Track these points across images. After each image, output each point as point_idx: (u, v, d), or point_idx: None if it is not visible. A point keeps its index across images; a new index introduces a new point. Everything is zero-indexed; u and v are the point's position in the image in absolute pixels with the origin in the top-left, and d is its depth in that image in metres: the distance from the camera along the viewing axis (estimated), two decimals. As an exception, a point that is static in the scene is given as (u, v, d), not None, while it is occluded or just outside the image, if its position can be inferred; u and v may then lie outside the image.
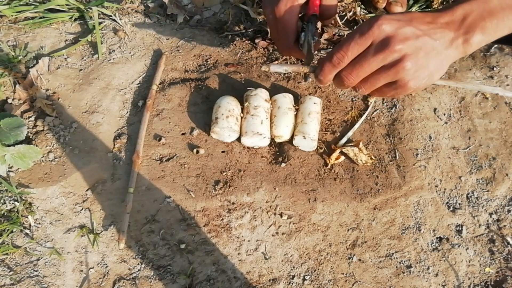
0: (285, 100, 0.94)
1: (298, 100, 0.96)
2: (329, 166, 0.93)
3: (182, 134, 0.96)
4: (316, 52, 0.94)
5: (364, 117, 0.98)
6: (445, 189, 0.93)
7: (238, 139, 0.94)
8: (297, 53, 0.85)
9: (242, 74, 1.03)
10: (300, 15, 0.82)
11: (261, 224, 0.88)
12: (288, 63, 1.03)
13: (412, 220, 0.90)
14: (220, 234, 0.86)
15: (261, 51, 1.07)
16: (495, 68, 1.07)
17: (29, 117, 0.97)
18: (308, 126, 0.90)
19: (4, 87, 1.00)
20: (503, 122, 1.01)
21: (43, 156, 0.92)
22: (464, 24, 0.64)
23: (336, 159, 0.93)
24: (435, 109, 1.01)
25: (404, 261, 0.87)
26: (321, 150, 0.95)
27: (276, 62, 1.00)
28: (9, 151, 0.87)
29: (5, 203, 0.88)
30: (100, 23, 1.09)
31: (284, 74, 1.03)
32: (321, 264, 0.86)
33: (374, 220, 0.89)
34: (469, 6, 0.64)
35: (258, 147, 0.94)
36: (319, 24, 0.85)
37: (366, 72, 0.65)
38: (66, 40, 1.09)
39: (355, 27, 1.02)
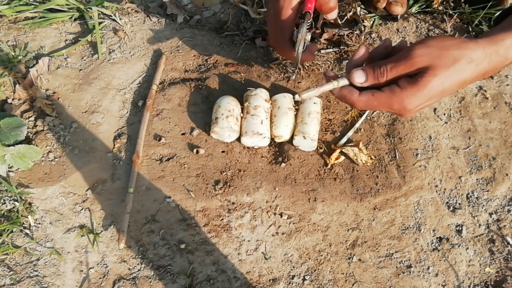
0: (285, 100, 0.94)
1: (298, 100, 0.96)
2: (329, 166, 0.93)
3: (182, 134, 0.96)
4: (316, 52, 0.94)
5: (364, 117, 0.98)
6: (445, 189, 0.93)
7: (238, 139, 0.94)
8: (289, 50, 0.86)
9: (242, 74, 1.03)
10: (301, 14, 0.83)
11: (261, 224, 0.88)
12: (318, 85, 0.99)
13: (412, 220, 0.90)
14: (220, 234, 0.86)
15: (261, 51, 1.07)
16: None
17: (29, 117, 0.97)
18: (308, 126, 0.90)
19: (4, 87, 1.00)
20: (503, 122, 1.01)
21: (43, 156, 0.92)
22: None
23: (336, 159, 0.93)
24: (435, 109, 1.01)
25: (404, 261, 0.87)
26: (321, 150, 0.95)
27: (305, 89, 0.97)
28: (9, 151, 0.87)
29: (5, 203, 0.88)
30: (100, 23, 1.09)
31: (289, 73, 1.02)
32: (321, 264, 0.86)
33: (374, 220, 0.89)
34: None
35: (258, 147, 0.94)
36: (319, 24, 0.85)
37: (375, 107, 0.68)
38: (66, 40, 1.09)
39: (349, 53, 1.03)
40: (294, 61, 0.83)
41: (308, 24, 0.81)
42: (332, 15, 0.87)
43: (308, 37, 0.81)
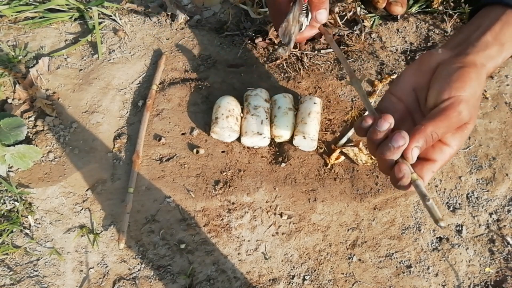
0: (285, 100, 0.94)
1: (298, 100, 0.96)
2: (329, 166, 0.93)
3: (182, 134, 0.96)
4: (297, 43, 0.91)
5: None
6: (445, 189, 0.93)
7: (238, 139, 0.94)
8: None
9: (242, 74, 1.03)
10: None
11: (261, 224, 0.88)
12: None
13: (412, 220, 0.90)
14: (220, 234, 0.86)
15: (261, 51, 1.07)
16: (495, 68, 1.06)
17: (29, 117, 0.97)
18: (308, 126, 0.90)
19: (4, 87, 1.00)
20: (503, 122, 1.01)
21: (43, 156, 0.92)
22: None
23: (336, 159, 0.93)
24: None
25: (404, 261, 0.87)
26: (321, 150, 0.95)
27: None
28: (9, 151, 0.87)
29: (5, 203, 0.88)
30: (100, 23, 1.09)
31: (289, 73, 1.02)
32: (321, 264, 0.86)
33: (374, 220, 0.89)
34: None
35: (258, 147, 0.94)
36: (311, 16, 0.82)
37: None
38: (66, 40, 1.09)
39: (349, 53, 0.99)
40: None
41: (304, 7, 0.78)
42: (321, 15, 0.83)
43: (303, 19, 0.78)
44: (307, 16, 0.78)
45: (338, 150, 0.93)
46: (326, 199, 0.90)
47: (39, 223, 0.87)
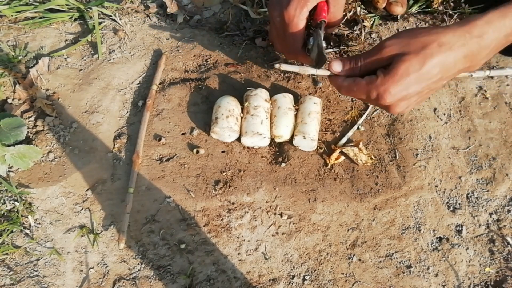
0: (285, 100, 0.94)
1: (298, 100, 0.96)
2: (329, 166, 0.93)
3: (182, 134, 0.96)
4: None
5: (364, 117, 0.98)
6: (445, 189, 0.93)
7: (238, 139, 0.94)
8: (304, 57, 0.86)
9: (242, 74, 1.03)
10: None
11: (261, 224, 0.88)
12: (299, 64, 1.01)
13: (412, 220, 0.90)
14: (220, 234, 0.86)
15: (261, 51, 1.07)
16: (495, 68, 1.07)
17: (29, 117, 0.97)
18: (308, 126, 0.90)
19: (4, 87, 1.00)
20: (503, 122, 1.01)
21: (43, 156, 0.92)
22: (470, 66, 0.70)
23: (336, 159, 0.93)
24: (435, 109, 1.01)
25: (404, 261, 0.87)
26: (321, 150, 0.95)
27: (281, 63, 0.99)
28: (9, 151, 0.87)
29: (5, 203, 0.88)
30: (100, 23, 1.09)
31: (289, 73, 1.02)
32: (321, 264, 0.86)
33: (374, 220, 0.89)
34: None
35: (258, 147, 0.94)
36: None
37: (355, 94, 0.73)
38: (66, 40, 1.09)
39: (348, 54, 1.04)
40: (317, 66, 0.82)
41: (323, 32, 0.81)
42: (334, 28, 0.89)
43: (324, 44, 0.81)
44: (324, 39, 0.83)
45: (338, 150, 0.93)
46: (326, 199, 0.90)
47: (39, 223, 0.87)
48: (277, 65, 0.76)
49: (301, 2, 0.79)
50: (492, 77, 1.06)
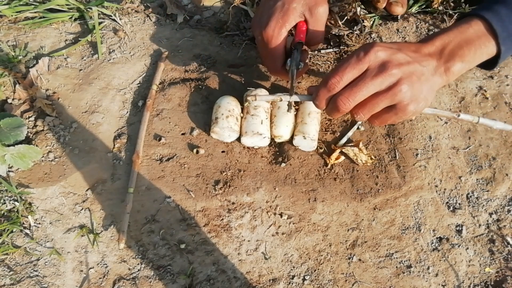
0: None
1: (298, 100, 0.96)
2: (329, 166, 0.93)
3: (182, 134, 0.96)
4: (306, 70, 0.95)
5: (364, 117, 0.98)
6: (445, 189, 0.93)
7: (238, 139, 0.94)
8: (284, 75, 0.88)
9: (242, 74, 1.03)
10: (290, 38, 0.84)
11: (261, 224, 0.88)
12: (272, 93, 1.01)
13: (412, 220, 0.90)
14: (220, 234, 0.86)
15: (261, 51, 1.07)
16: (495, 68, 1.06)
17: (29, 117, 0.97)
18: (308, 126, 0.90)
19: (4, 87, 1.01)
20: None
21: (43, 156, 0.92)
22: (444, 54, 0.67)
23: (336, 159, 0.93)
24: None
25: (404, 261, 0.87)
26: (321, 150, 0.95)
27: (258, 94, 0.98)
28: (9, 151, 0.87)
29: (5, 203, 0.88)
30: (100, 23, 1.09)
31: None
32: (321, 264, 0.86)
33: (374, 220, 0.89)
34: (446, 37, 0.68)
35: (258, 147, 0.94)
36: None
37: (363, 96, 0.66)
38: (66, 40, 1.09)
39: (348, 53, 1.03)
40: (289, 92, 0.82)
41: (301, 54, 0.82)
42: (316, 46, 0.89)
43: (301, 65, 0.82)
44: (301, 59, 0.83)
45: (338, 150, 0.93)
46: (326, 199, 0.90)
47: (39, 223, 0.87)
48: (250, 98, 0.76)
49: (279, 22, 0.79)
50: (492, 77, 1.06)
